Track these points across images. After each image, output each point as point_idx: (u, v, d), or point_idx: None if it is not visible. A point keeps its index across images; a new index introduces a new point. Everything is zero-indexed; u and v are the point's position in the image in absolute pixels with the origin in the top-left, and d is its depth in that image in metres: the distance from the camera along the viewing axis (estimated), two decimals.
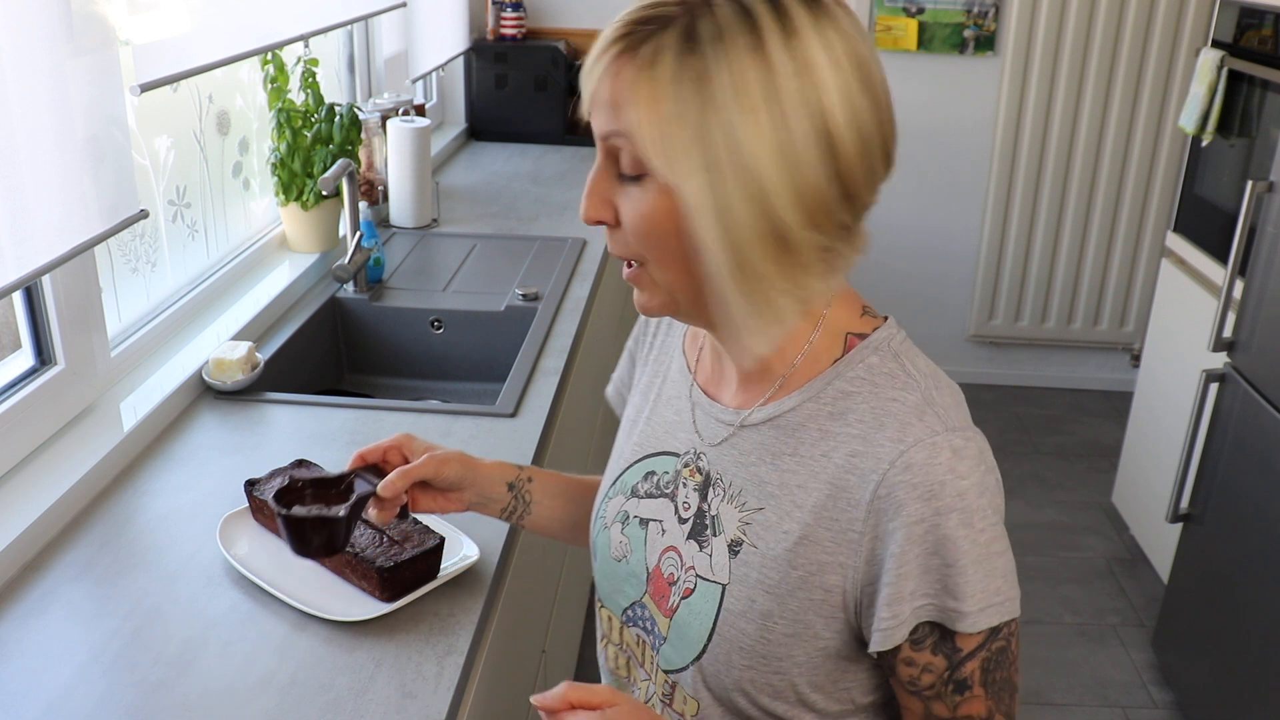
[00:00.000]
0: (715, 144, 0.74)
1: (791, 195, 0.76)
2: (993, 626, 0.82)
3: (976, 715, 0.85)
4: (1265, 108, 2.58)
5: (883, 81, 0.80)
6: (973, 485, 0.81)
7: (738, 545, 0.87)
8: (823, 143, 0.76)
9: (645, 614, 0.95)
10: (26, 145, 1.27)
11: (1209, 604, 2.42)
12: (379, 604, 1.24)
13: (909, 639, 0.83)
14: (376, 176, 2.66)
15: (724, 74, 0.73)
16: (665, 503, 0.94)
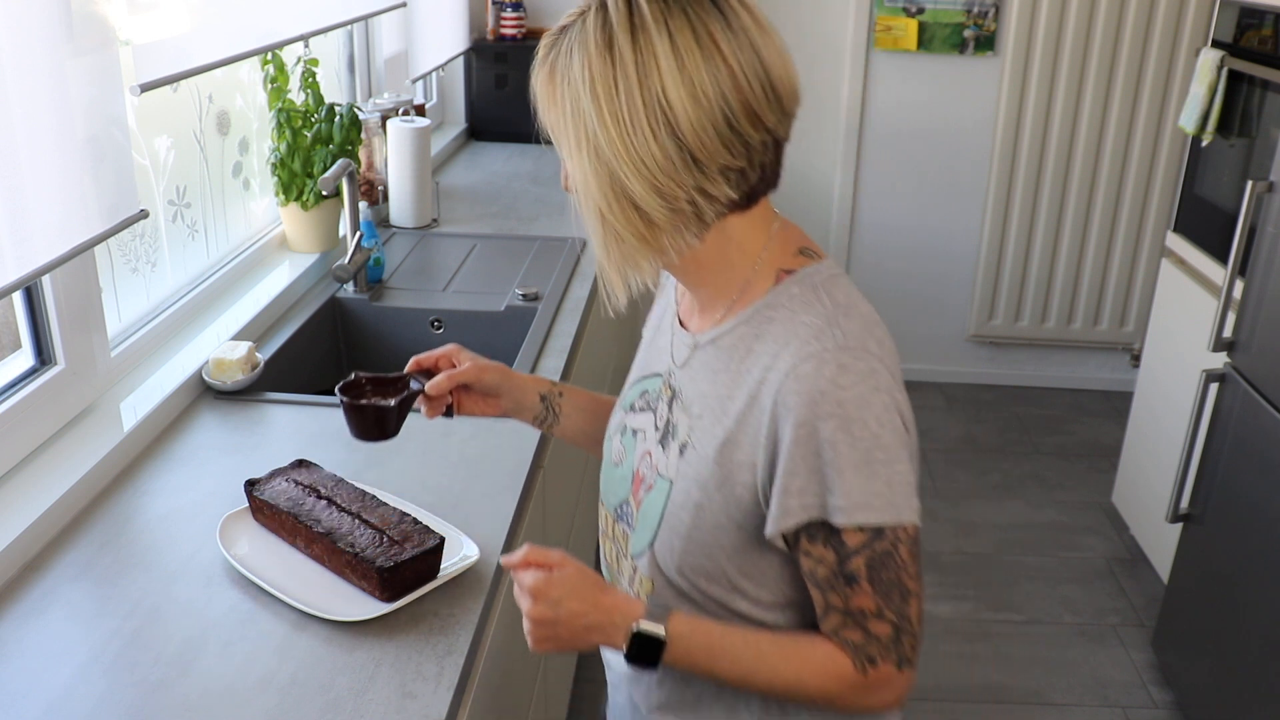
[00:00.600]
0: (579, 131, 0.93)
1: (630, 163, 0.92)
2: (874, 527, 0.94)
3: (866, 609, 0.96)
4: (1265, 108, 2.58)
5: (741, 53, 0.92)
6: (853, 398, 0.92)
7: (684, 447, 1.03)
8: (658, 119, 0.91)
9: (629, 510, 1.11)
10: (26, 145, 1.27)
11: (1209, 604, 2.42)
12: (379, 604, 1.24)
13: (805, 533, 0.96)
14: (376, 176, 2.66)
15: (583, 73, 0.92)
16: (649, 415, 1.11)
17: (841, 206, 4.05)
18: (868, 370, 0.94)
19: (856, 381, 0.93)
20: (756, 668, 1.01)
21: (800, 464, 0.93)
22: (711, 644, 1.01)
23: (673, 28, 0.91)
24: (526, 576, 1.02)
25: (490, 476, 1.56)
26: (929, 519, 3.32)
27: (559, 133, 0.97)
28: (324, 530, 1.29)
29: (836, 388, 0.92)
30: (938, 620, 2.87)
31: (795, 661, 1.00)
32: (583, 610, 1.00)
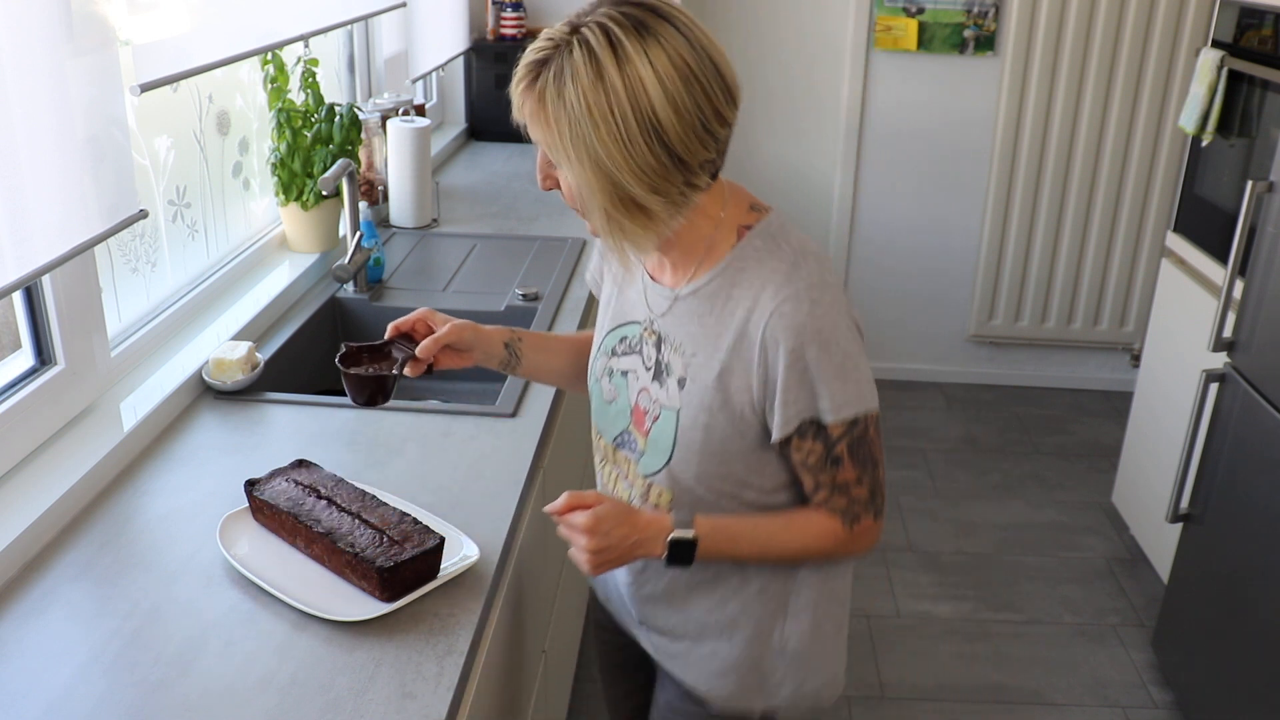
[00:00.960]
0: (579, 149, 1.09)
1: (632, 173, 1.10)
2: (851, 418, 1.19)
3: (849, 480, 1.23)
4: (1265, 108, 2.58)
5: (704, 67, 1.10)
6: (827, 325, 1.16)
7: (683, 381, 1.24)
8: (651, 133, 1.08)
9: (631, 438, 1.31)
10: (26, 145, 1.27)
11: (1209, 604, 2.42)
12: (379, 604, 1.24)
13: (797, 434, 1.20)
14: (376, 176, 2.66)
15: (579, 99, 1.08)
16: (635, 358, 1.30)
17: (841, 206, 4.05)
18: (833, 300, 1.18)
19: (827, 311, 1.17)
20: (768, 545, 1.27)
21: (793, 383, 1.17)
22: (731, 535, 1.25)
23: (651, 56, 1.08)
24: (576, 517, 1.20)
25: (490, 476, 1.56)
26: (929, 519, 3.32)
27: (555, 150, 1.12)
28: (324, 530, 1.29)
29: (814, 319, 1.16)
30: (938, 620, 2.88)
31: (797, 533, 1.26)
32: (628, 534, 1.21)
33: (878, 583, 3.02)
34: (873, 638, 2.80)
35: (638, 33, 1.08)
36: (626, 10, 1.09)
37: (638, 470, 1.30)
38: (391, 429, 1.68)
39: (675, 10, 1.12)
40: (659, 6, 1.11)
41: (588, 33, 1.08)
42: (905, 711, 2.56)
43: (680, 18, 1.12)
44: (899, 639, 2.80)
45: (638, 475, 1.31)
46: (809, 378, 1.17)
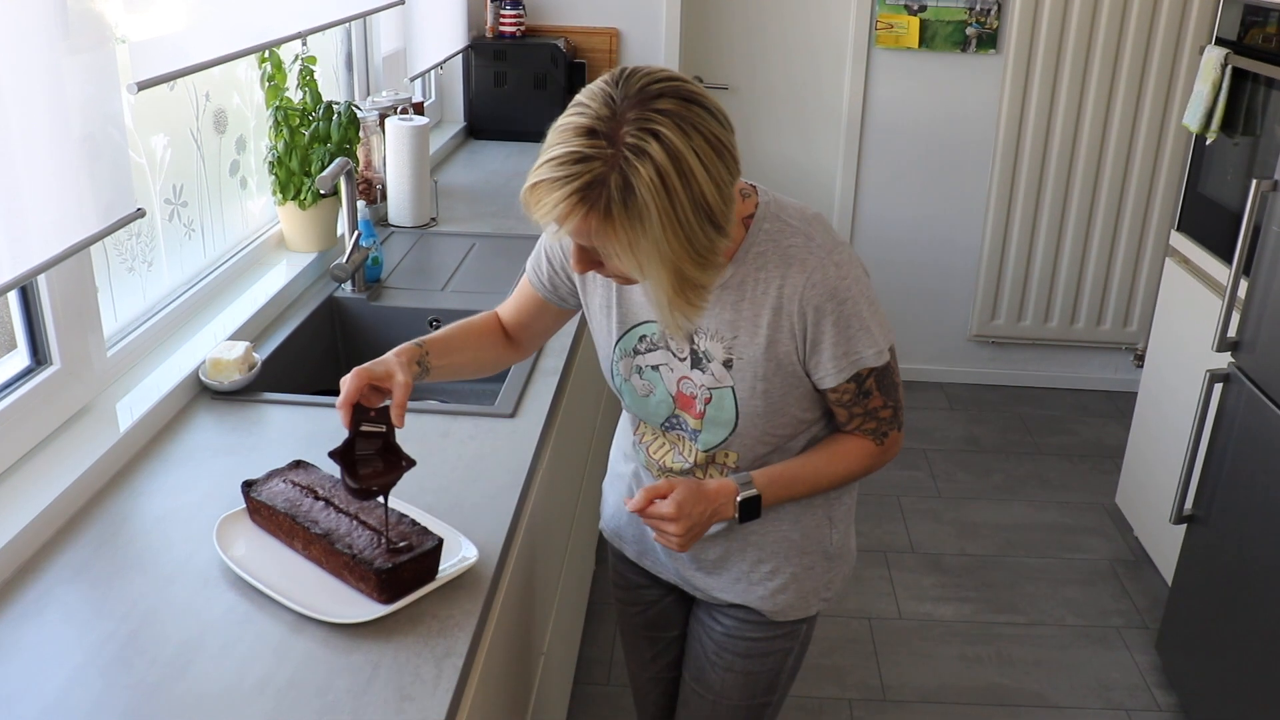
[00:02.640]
0: (652, 253, 1.13)
1: (691, 261, 1.15)
2: (877, 361, 1.33)
3: (877, 406, 1.38)
4: (1269, 106, 2.57)
5: (724, 132, 1.15)
6: (852, 282, 1.30)
7: (730, 362, 1.34)
8: (704, 217, 1.13)
9: (680, 420, 1.42)
10: (22, 143, 1.26)
11: (1213, 606, 2.40)
12: (377, 606, 1.23)
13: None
14: (375, 175, 2.65)
15: (651, 210, 1.10)
16: (663, 352, 1.39)
17: (843, 205, 4.04)
18: (847, 259, 1.31)
19: (848, 271, 1.30)
20: (818, 480, 1.41)
21: (840, 337, 1.30)
22: (787, 481, 1.40)
23: (695, 145, 1.11)
24: (661, 507, 1.31)
25: (490, 476, 1.55)
26: (932, 520, 3.31)
27: (623, 260, 1.15)
28: (321, 531, 1.28)
29: (840, 280, 1.28)
30: (940, 622, 2.86)
31: (840, 463, 1.42)
32: (705, 509, 1.34)
33: (879, 584, 3.01)
34: (874, 639, 2.79)
35: (679, 128, 1.10)
36: (658, 107, 1.10)
37: (694, 445, 1.42)
38: None
39: (687, 84, 1.15)
40: (682, 89, 1.13)
41: (637, 142, 1.09)
42: (907, 714, 2.55)
43: (697, 92, 1.15)
44: (901, 641, 2.79)
45: (694, 449, 1.42)
46: (848, 334, 1.30)
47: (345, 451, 1.30)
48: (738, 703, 1.55)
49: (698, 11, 3.91)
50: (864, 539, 3.21)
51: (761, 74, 4.01)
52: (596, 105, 1.11)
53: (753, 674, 1.54)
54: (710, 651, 1.55)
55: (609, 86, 1.13)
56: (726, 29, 3.97)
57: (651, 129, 1.09)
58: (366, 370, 1.32)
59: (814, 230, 1.31)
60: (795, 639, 1.54)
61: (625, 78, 1.14)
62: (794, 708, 2.54)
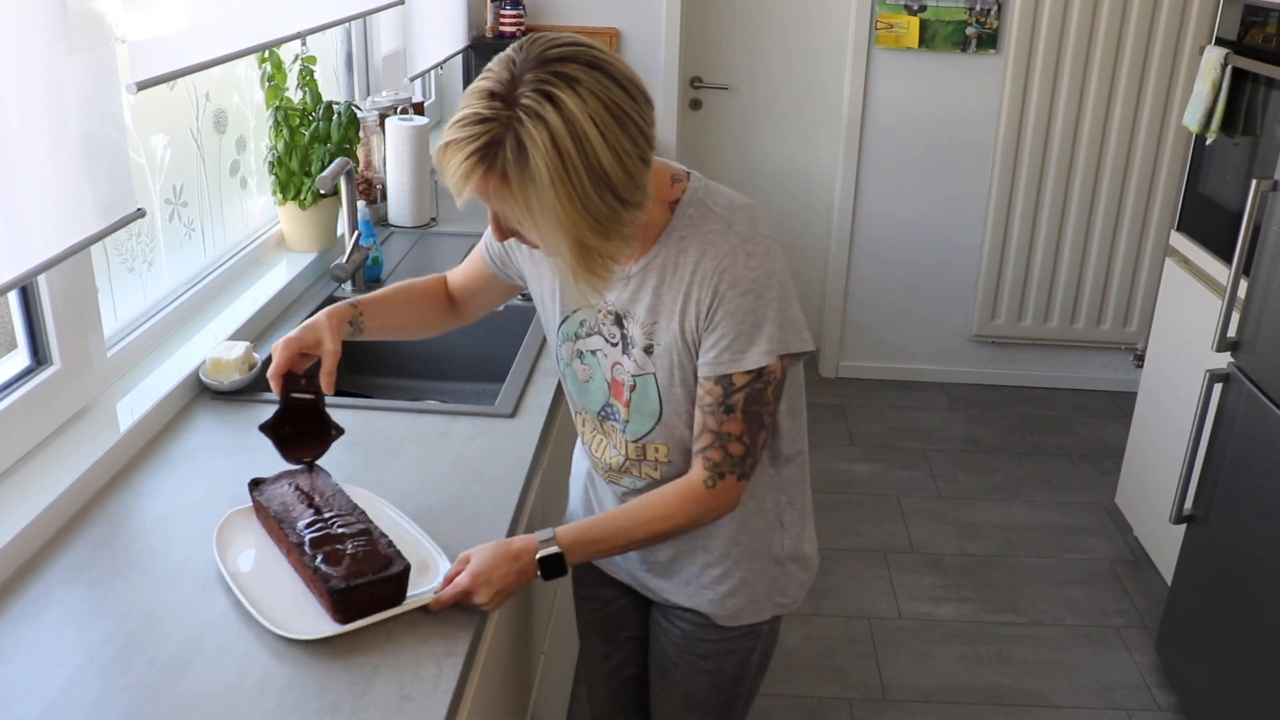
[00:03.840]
0: (548, 215, 1.12)
1: (591, 229, 1.13)
2: (758, 369, 1.27)
3: (732, 432, 1.30)
4: (1269, 106, 2.57)
5: (629, 102, 1.13)
6: (762, 274, 1.25)
7: (650, 348, 1.32)
8: (603, 185, 1.12)
9: (613, 409, 1.39)
10: (22, 143, 1.26)
11: (1213, 606, 2.40)
12: (333, 624, 1.20)
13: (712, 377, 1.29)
14: (375, 175, 2.64)
15: (544, 171, 1.09)
16: (598, 338, 1.37)
17: (843, 205, 4.04)
18: (764, 251, 1.26)
19: (759, 264, 1.25)
20: (633, 529, 1.34)
21: (728, 329, 1.25)
22: (594, 537, 1.33)
23: (593, 112, 1.10)
24: (462, 580, 1.25)
25: (489, 477, 1.55)
26: (933, 520, 3.31)
27: (521, 221, 1.15)
28: (296, 541, 1.27)
29: (748, 270, 1.24)
30: (940, 622, 2.86)
31: (658, 508, 1.34)
32: (506, 570, 1.27)
33: (879, 584, 3.01)
34: (874, 640, 2.78)
35: (576, 93, 1.09)
36: (556, 70, 1.10)
37: (624, 437, 1.40)
38: (390, 429, 1.67)
39: (592, 50, 1.14)
40: (580, 53, 1.12)
41: (532, 104, 1.08)
42: (907, 714, 2.55)
43: (602, 59, 1.13)
44: (901, 641, 2.79)
45: (624, 440, 1.40)
46: (737, 328, 1.25)
47: (276, 424, 1.34)
48: (705, 696, 1.55)
49: (698, 11, 3.90)
50: (864, 539, 3.21)
51: (761, 74, 4.01)
52: (499, 69, 1.12)
53: (716, 671, 1.53)
54: (671, 652, 1.54)
55: (514, 51, 1.14)
56: (726, 29, 3.97)
57: (547, 91, 1.08)
58: (296, 339, 1.35)
59: (736, 219, 1.28)
60: (756, 638, 1.51)
61: (529, 43, 1.13)
62: (794, 708, 2.54)
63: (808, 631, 2.80)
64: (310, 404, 1.36)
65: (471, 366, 2.17)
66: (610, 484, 1.47)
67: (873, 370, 4.26)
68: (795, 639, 2.77)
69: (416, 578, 1.27)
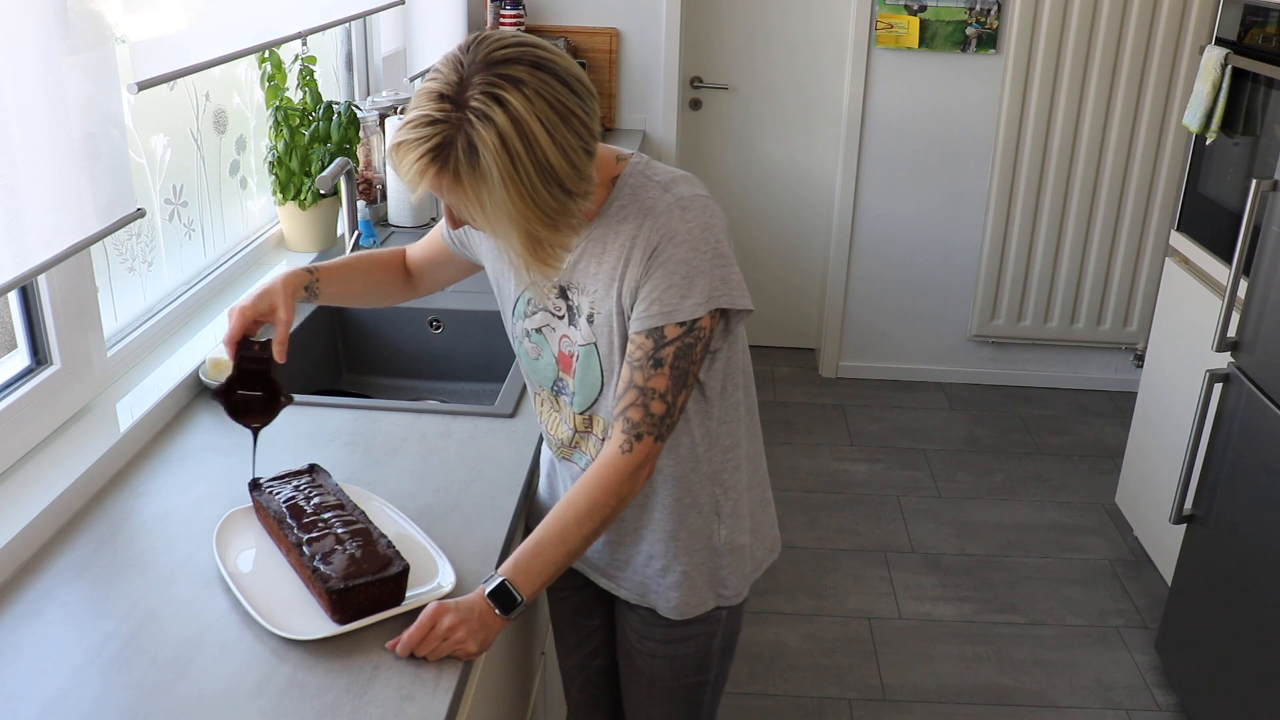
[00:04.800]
0: (498, 212, 1.16)
1: (540, 221, 1.17)
2: (692, 321, 1.27)
3: (657, 389, 1.30)
4: (1269, 106, 2.57)
5: (573, 99, 1.17)
6: (697, 227, 1.27)
7: (591, 316, 1.34)
8: (551, 180, 1.16)
9: (564, 383, 1.41)
10: (22, 143, 1.26)
11: (1213, 606, 2.40)
12: (331, 624, 1.21)
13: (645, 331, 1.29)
14: (375, 175, 2.65)
15: (493, 170, 1.13)
16: (543, 314, 1.40)
17: (843, 205, 4.04)
18: (701, 208, 1.28)
19: (694, 218, 1.27)
20: (566, 531, 1.31)
21: (661, 280, 1.26)
22: (533, 552, 1.29)
23: (539, 112, 1.13)
24: (428, 643, 1.19)
25: (489, 477, 1.55)
26: (933, 520, 3.31)
27: (474, 217, 1.18)
28: (295, 541, 1.27)
29: (683, 223, 1.27)
30: (940, 622, 2.86)
31: (581, 504, 1.31)
32: (460, 616, 1.21)
33: (879, 584, 3.01)
34: (874, 639, 2.78)
35: (523, 94, 1.13)
36: (502, 72, 1.13)
37: (572, 409, 1.41)
38: (390, 429, 1.67)
39: (537, 50, 1.17)
40: (525, 54, 1.16)
41: (480, 106, 1.12)
42: (906, 714, 2.55)
43: (547, 59, 1.16)
44: (900, 641, 2.79)
45: (572, 413, 1.41)
46: (669, 279, 1.26)
47: (228, 390, 1.37)
48: (670, 683, 1.56)
49: (698, 11, 3.90)
50: (864, 539, 3.21)
51: (761, 74, 4.01)
52: (447, 71, 1.15)
53: (678, 657, 1.54)
54: (633, 640, 1.56)
55: (460, 53, 1.16)
56: (726, 29, 3.97)
57: (495, 94, 1.12)
58: (250, 308, 1.37)
59: (676, 185, 1.30)
60: (715, 623, 1.52)
61: (476, 43, 1.16)
62: (794, 708, 2.54)
63: (808, 631, 2.80)
64: (262, 370, 1.38)
65: (471, 366, 2.17)
66: (565, 461, 1.47)
67: (872, 370, 4.26)
68: (795, 639, 2.77)
69: (416, 578, 1.27)
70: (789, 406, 4.01)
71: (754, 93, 4.05)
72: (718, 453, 1.43)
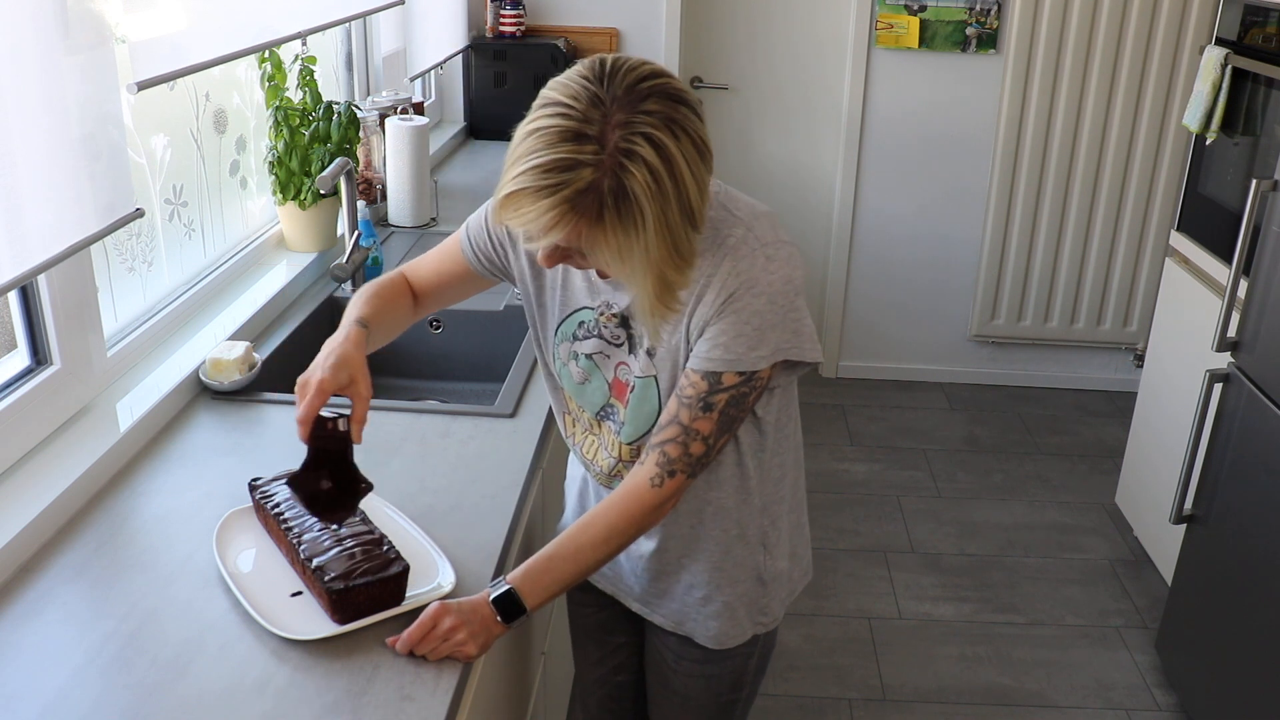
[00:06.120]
0: (644, 260, 1.11)
1: (673, 264, 1.13)
2: (750, 372, 1.24)
3: (701, 431, 1.26)
4: (1269, 106, 2.57)
5: (704, 130, 1.13)
6: (778, 279, 1.22)
7: (652, 350, 1.30)
8: (688, 218, 1.12)
9: (613, 409, 1.37)
10: (22, 143, 1.26)
11: (1213, 606, 2.40)
12: (332, 624, 1.21)
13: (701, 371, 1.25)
14: (375, 175, 2.64)
15: (645, 212, 1.08)
16: (597, 340, 1.35)
17: (843, 205, 4.04)
18: (784, 258, 1.23)
19: (777, 269, 1.22)
20: (581, 551, 1.28)
21: (729, 325, 1.22)
22: (543, 564, 1.26)
23: (684, 150, 1.09)
24: (429, 643, 1.18)
25: (489, 477, 1.54)
26: (933, 520, 3.31)
27: (612, 266, 1.13)
28: (295, 541, 1.27)
29: (767, 274, 1.21)
30: (939, 622, 2.86)
31: (601, 528, 1.28)
32: (462, 618, 1.19)
33: (879, 584, 3.01)
34: (874, 639, 2.78)
35: (670, 131, 1.08)
36: (648, 108, 1.07)
37: (618, 439, 1.37)
38: (390, 429, 1.67)
39: (674, 81, 1.12)
40: (667, 87, 1.10)
41: (631, 146, 1.06)
42: (906, 714, 2.55)
43: (681, 90, 1.12)
44: (901, 641, 2.79)
45: (618, 442, 1.38)
46: (739, 327, 1.22)
47: (304, 479, 1.22)
48: (704, 702, 1.54)
49: (698, 11, 3.90)
50: (864, 539, 3.21)
51: (762, 74, 4.01)
52: (582, 106, 1.07)
53: (713, 677, 1.51)
54: (669, 660, 1.53)
55: (593, 85, 1.08)
56: (727, 29, 3.97)
57: (644, 132, 1.06)
58: (330, 381, 1.23)
59: (759, 225, 1.24)
60: (753, 644, 1.50)
61: (609, 75, 1.09)
62: (794, 708, 2.54)
63: (808, 631, 2.80)
64: (340, 454, 1.24)
65: (471, 366, 2.17)
66: (605, 488, 1.44)
67: (872, 370, 4.26)
68: (795, 639, 2.77)
69: (416, 578, 1.27)
70: None
71: (754, 93, 4.05)
72: (769, 485, 1.40)
